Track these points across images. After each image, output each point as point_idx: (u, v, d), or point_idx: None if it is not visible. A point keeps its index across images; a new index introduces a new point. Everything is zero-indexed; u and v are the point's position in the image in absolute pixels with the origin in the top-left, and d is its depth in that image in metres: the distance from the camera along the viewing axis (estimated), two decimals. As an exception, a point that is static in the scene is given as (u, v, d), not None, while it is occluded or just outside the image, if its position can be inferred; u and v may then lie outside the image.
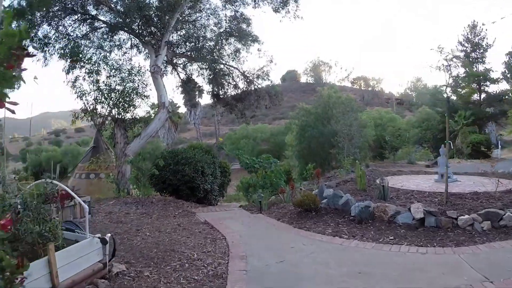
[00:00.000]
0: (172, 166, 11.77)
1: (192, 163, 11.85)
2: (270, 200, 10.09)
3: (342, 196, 8.09)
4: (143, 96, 13.65)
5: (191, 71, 19.04)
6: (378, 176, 13.91)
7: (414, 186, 10.36)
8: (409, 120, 53.59)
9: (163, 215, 9.20)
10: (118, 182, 12.81)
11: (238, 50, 18.35)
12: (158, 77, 13.24)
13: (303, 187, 10.88)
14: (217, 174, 13.72)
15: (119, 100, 13.28)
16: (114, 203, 11.12)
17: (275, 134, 50.51)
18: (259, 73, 18.05)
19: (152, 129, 12.95)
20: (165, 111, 13.05)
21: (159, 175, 11.95)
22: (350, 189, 10.00)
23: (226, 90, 18.31)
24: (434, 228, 6.95)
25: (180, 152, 12.16)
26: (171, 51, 16.65)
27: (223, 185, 15.15)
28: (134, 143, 13.00)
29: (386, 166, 19.00)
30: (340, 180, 12.26)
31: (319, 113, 20.43)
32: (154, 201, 11.38)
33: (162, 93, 13.15)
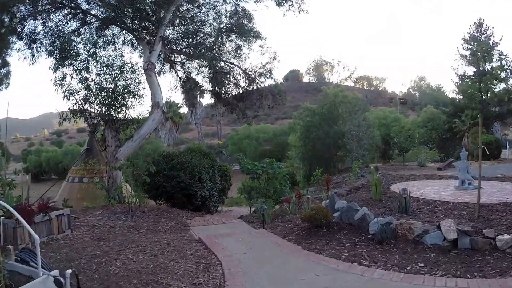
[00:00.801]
0: (166, 171, 10.65)
1: (188, 168, 10.72)
2: (274, 210, 8.93)
3: (357, 209, 6.92)
4: (136, 95, 12.50)
5: (190, 69, 17.91)
6: (391, 181, 12.74)
7: (435, 195, 9.19)
8: (414, 120, 52.33)
9: (153, 229, 8.06)
10: (109, 188, 11.69)
11: (239, 47, 17.20)
12: (152, 75, 12.10)
13: (310, 195, 9.72)
14: (217, 178, 12.61)
15: (110, 100, 12.14)
16: (102, 213, 10.00)
17: (278, 134, 49.39)
18: (262, 71, 16.90)
19: (146, 131, 11.82)
20: (159, 111, 11.91)
21: (152, 181, 10.83)
22: (363, 198, 8.83)
23: (227, 89, 17.17)
24: (469, 250, 5.77)
25: (175, 156, 11.03)
26: (168, 47, 15.51)
27: (223, 190, 14.05)
28: (126, 146, 11.87)
29: (396, 169, 17.78)
30: (351, 186, 11.09)
31: (325, 113, 19.23)
32: (146, 210, 10.26)
33: (157, 92, 12.02)
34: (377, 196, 8.45)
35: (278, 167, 9.57)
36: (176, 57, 17.53)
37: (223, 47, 17.24)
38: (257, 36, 17.10)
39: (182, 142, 63.51)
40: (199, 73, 17.73)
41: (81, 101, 12.19)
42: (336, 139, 18.39)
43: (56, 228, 7.58)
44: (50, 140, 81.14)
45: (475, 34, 43.42)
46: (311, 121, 19.30)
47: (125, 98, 12.40)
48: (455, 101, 44.37)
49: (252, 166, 9.64)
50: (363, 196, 9.12)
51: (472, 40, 43.87)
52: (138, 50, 15.99)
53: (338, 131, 18.13)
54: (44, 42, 13.65)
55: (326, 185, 8.86)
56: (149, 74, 12.03)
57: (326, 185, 8.86)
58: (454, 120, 40.60)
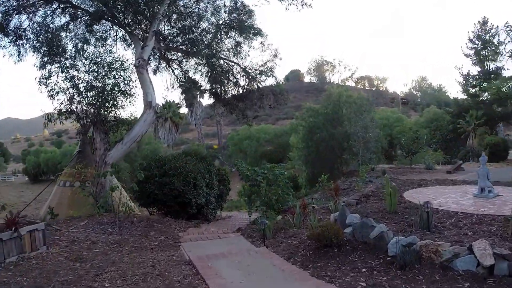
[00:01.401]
0: (158, 177, 9.67)
1: (182, 174, 9.74)
2: (276, 222, 7.94)
3: (373, 225, 5.92)
4: (127, 94, 11.54)
5: (187, 67, 16.93)
6: (402, 187, 11.73)
7: (455, 205, 8.20)
8: (417, 120, 51.27)
9: (139, 245, 7.08)
10: (96, 195, 10.71)
11: (239, 44, 16.23)
12: (144, 72, 11.13)
13: (315, 204, 8.72)
14: (214, 184, 11.65)
15: (98, 99, 11.18)
16: (86, 225, 9.03)
17: (279, 134, 48.46)
18: (263, 69, 15.92)
19: (137, 133, 10.85)
20: (151, 111, 10.94)
21: (143, 188, 9.86)
22: (376, 209, 7.83)
23: (226, 88, 16.18)
24: (508, 278, 4.79)
25: (168, 161, 10.05)
26: (163, 44, 14.55)
27: (222, 196, 13.08)
28: (116, 150, 10.91)
29: (404, 173, 16.79)
30: (360, 194, 10.10)
31: (329, 114, 18.20)
32: (135, 221, 9.29)
33: (149, 91, 11.04)
34: (392, 208, 7.46)
35: (280, 173, 8.58)
36: (173, 54, 16.56)
37: (222, 44, 16.29)
38: (258, 33, 16.14)
39: (182, 142, 62.61)
40: (197, 72, 16.77)
41: (68, 101, 11.21)
42: (341, 141, 17.39)
43: (29, 245, 6.62)
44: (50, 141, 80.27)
45: (479, 33, 42.47)
46: (314, 122, 18.25)
47: (115, 97, 11.44)
48: (459, 101, 43.48)
49: (252, 172, 8.65)
50: (376, 206, 8.12)
51: (476, 39, 42.92)
52: (131, 48, 15.03)
53: (343, 132, 17.12)
54: (32, 38, 12.69)
55: (334, 194, 7.86)
56: (140, 72, 11.07)
57: (334, 194, 7.86)
58: (459, 120, 39.66)
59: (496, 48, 40.78)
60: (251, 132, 47.22)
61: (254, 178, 8.40)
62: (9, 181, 55.20)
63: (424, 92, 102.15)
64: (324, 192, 10.35)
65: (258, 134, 48.02)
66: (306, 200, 9.72)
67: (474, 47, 41.54)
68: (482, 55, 41.26)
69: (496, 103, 40.15)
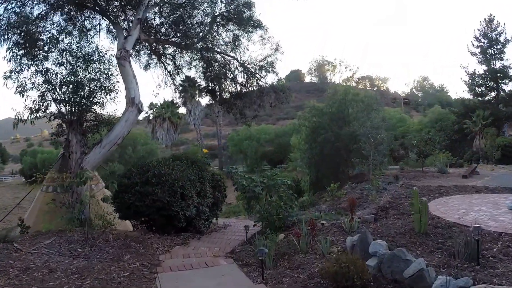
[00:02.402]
0: (139, 186, 8.14)
1: (167, 183, 8.22)
2: (278, 243, 6.41)
3: (408, 259, 4.39)
4: (107, 89, 10.04)
5: (181, 63, 15.43)
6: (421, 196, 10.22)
7: (493, 222, 6.67)
8: (421, 120, 49.73)
9: (104, 278, 5.54)
10: (72, 206, 9.18)
11: (237, 37, 14.69)
12: (127, 65, 9.62)
13: (325, 220, 7.19)
14: (207, 192, 10.13)
15: (74, 96, 9.68)
16: (52, 243, 7.54)
17: (279, 135, 46.94)
18: (263, 63, 14.41)
19: (117, 134, 9.32)
20: (134, 109, 9.41)
21: (122, 199, 8.35)
22: (401, 229, 6.29)
23: (223, 85, 14.66)
24: None
25: (152, 167, 8.52)
26: (153, 36, 13.05)
27: (217, 204, 11.56)
28: (93, 153, 9.40)
29: (416, 177, 15.25)
30: (376, 206, 8.56)
31: (334, 113, 16.66)
32: (110, 238, 7.78)
33: (131, 86, 9.53)
34: (422, 229, 5.93)
35: (282, 182, 7.05)
36: (165, 48, 15.05)
37: (218, 37, 14.77)
38: (258, 26, 14.63)
39: (182, 143, 61.16)
40: (191, 68, 15.28)
41: (40, 98, 9.71)
42: (347, 142, 15.87)
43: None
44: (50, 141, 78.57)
45: (486, 30, 40.92)
46: (319, 122, 16.69)
47: (93, 93, 9.93)
48: (465, 100, 41.96)
49: (249, 182, 7.14)
50: (399, 225, 6.59)
51: (483, 37, 41.36)
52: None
53: (349, 133, 15.57)
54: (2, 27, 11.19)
55: (350, 210, 6.33)
56: (122, 64, 9.55)
57: (350, 210, 6.33)
58: (465, 120, 38.11)
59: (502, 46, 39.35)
60: (251, 133, 45.72)
61: (251, 189, 6.89)
62: (6, 182, 53.72)
63: (425, 92, 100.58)
64: (333, 202, 8.82)
65: (259, 135, 46.51)
66: (313, 214, 8.21)
67: (480, 45, 40.06)
68: (489, 53, 39.79)
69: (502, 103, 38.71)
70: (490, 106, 38.27)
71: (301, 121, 18.40)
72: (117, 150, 31.76)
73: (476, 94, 40.52)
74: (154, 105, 43.27)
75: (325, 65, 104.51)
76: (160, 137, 42.64)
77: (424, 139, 16.70)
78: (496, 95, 40.33)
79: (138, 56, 15.01)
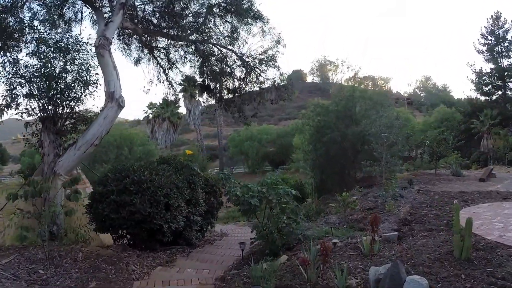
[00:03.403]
0: (114, 195, 6.81)
1: (148, 191, 6.88)
2: (280, 271, 5.06)
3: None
4: (85, 83, 8.72)
5: (175, 56, 14.09)
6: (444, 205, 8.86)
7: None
8: (426, 120, 48.17)
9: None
10: (41, 217, 7.85)
11: (235, 29, 13.32)
12: (106, 54, 8.28)
13: (337, 239, 5.83)
14: (199, 199, 8.81)
15: (48, 90, 8.37)
16: (10, 263, 6.23)
17: (281, 135, 45.57)
18: (263, 57, 13.04)
19: (94, 134, 7.98)
20: (114, 105, 8.07)
21: (96, 209, 7.04)
22: (435, 253, 4.91)
23: (219, 80, 13.31)
24: None
25: (131, 172, 7.17)
26: (141, 26, 11.72)
27: (211, 212, 10.24)
28: (68, 156, 8.08)
29: (431, 181, 13.87)
30: (397, 219, 7.20)
31: (340, 111, 15.27)
32: (79, 257, 6.45)
33: (111, 78, 8.19)
34: (464, 254, 4.57)
35: (285, 192, 5.67)
36: (158, 41, 13.72)
37: (215, 29, 13.43)
38: (258, 17, 13.26)
39: (182, 143, 59.81)
40: (185, 62, 13.92)
41: (7, 92, 8.40)
42: (355, 142, 14.52)
43: None
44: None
45: (492, 28, 39.49)
46: (324, 121, 15.29)
47: (70, 87, 8.62)
48: (473, 100, 40.58)
49: (244, 191, 5.77)
50: (430, 246, 5.21)
51: (489, 34, 39.94)
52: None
53: (357, 132, 14.19)
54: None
55: (371, 228, 4.96)
56: (101, 53, 8.21)
57: (371, 228, 4.96)
58: (472, 120, 36.72)
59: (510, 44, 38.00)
60: (253, 133, 44.38)
61: (246, 200, 5.54)
62: (4, 182, 52.49)
63: (428, 92, 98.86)
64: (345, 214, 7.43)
65: (260, 135, 45.14)
66: (321, 230, 6.85)
67: (487, 43, 38.70)
68: (496, 51, 38.42)
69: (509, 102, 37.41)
70: (497, 105, 36.93)
71: (304, 120, 17.04)
72: (113, 151, 30.47)
73: (483, 93, 39.23)
74: (153, 105, 42.01)
75: (327, 65, 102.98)
76: (160, 138, 41.36)
77: (438, 139, 15.33)
78: (503, 94, 38.98)
79: (128, 50, 13.76)
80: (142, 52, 13.98)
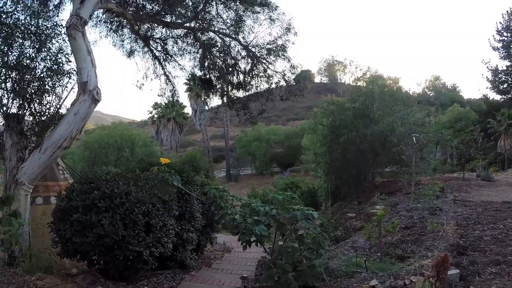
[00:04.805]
0: (79, 213, 5.16)
1: (121, 207, 5.22)
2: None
3: None
4: (56, 72, 7.13)
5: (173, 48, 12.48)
6: (494, 222, 7.09)
7: None
8: (439, 120, 46.11)
9: None
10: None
11: (240, 17, 11.66)
12: (79, 37, 6.64)
13: (377, 282, 4.10)
14: (195, 211, 7.19)
15: (10, 81, 6.81)
16: None
17: (290, 136, 43.76)
18: (271, 47, 11.38)
19: (62, 134, 6.34)
20: (88, 98, 6.42)
21: (57, 230, 5.42)
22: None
23: (221, 74, 11.66)
24: None
25: (103, 181, 5.51)
26: (131, 9, 10.10)
27: (211, 224, 8.61)
28: (31, 161, 6.47)
29: (461, 187, 12.10)
30: (446, 244, 5.44)
31: (359, 108, 13.45)
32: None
33: (84, 66, 6.55)
34: None
35: (305, 216, 3.94)
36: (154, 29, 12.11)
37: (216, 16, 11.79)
38: (265, 4, 11.60)
39: (189, 144, 58.34)
40: (184, 54, 12.30)
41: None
42: (374, 144, 12.76)
43: None
44: None
45: (508, 24, 37.46)
46: (340, 119, 13.49)
47: (37, 77, 7.03)
48: (488, 99, 38.64)
49: (247, 213, 4.03)
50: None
51: (505, 30, 37.89)
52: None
53: (377, 132, 12.40)
54: None
55: (435, 271, 3.26)
56: (72, 35, 6.58)
57: (435, 271, 3.26)
58: (488, 119, 34.83)
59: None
60: (261, 133, 42.64)
61: (249, 228, 3.83)
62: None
63: (438, 92, 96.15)
64: (380, 239, 5.67)
65: (268, 136, 43.36)
66: (349, 260, 5.13)
67: (503, 39, 36.67)
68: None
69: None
70: (513, 104, 35.06)
71: (317, 119, 15.29)
72: (114, 153, 28.89)
73: (500, 92, 37.35)
74: (158, 105, 40.58)
75: (335, 64, 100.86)
76: (165, 139, 39.89)
77: (465, 141, 13.51)
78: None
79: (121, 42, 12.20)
80: (136, 43, 12.40)
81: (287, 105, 71.60)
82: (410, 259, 5.42)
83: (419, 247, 5.74)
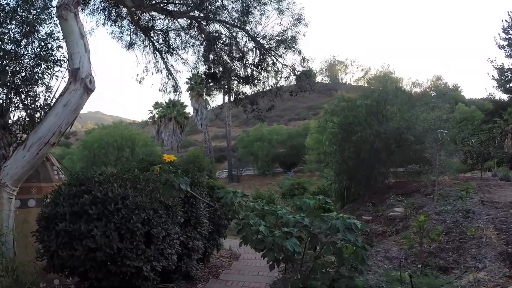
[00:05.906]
0: (66, 222, 4.31)
1: (116, 214, 4.36)
2: None
3: None
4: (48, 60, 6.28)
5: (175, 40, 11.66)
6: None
7: None
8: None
9: None
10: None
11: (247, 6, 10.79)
12: (70, 18, 5.79)
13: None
14: (201, 217, 6.34)
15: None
16: None
17: (292, 136, 42.82)
18: (280, 38, 10.53)
19: (50, 128, 5.49)
20: (80, 87, 5.56)
21: (43, 241, 4.56)
22: None
23: (227, 67, 10.81)
24: None
25: (94, 183, 4.65)
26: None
27: (218, 230, 7.81)
28: (15, 160, 5.62)
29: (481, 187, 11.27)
30: (495, 253, 4.58)
31: (372, 105, 12.52)
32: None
33: (76, 50, 5.69)
34: None
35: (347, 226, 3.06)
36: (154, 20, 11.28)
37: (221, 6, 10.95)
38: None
39: (190, 144, 57.43)
40: (188, 46, 11.47)
41: None
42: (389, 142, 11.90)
43: None
44: None
45: (516, 22, 36.73)
46: (353, 116, 12.56)
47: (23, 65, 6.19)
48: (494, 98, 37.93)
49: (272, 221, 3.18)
50: None
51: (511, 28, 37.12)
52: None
53: (392, 130, 11.52)
54: None
55: None
56: (63, 16, 5.73)
57: None
58: (495, 119, 34.07)
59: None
60: (263, 133, 41.71)
61: (277, 242, 3.00)
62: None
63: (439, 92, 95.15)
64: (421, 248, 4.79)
65: (270, 136, 42.43)
66: (391, 275, 4.27)
67: (508, 38, 35.92)
68: (520, 46, 35.64)
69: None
70: (521, 102, 34.32)
71: (327, 116, 14.38)
72: (114, 153, 28.01)
73: (506, 90, 36.63)
74: (159, 104, 39.70)
75: (336, 65, 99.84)
76: (166, 138, 38.98)
77: (484, 139, 12.67)
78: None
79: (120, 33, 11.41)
80: (136, 36, 11.58)
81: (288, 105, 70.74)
82: (454, 270, 4.60)
83: (462, 256, 4.89)
